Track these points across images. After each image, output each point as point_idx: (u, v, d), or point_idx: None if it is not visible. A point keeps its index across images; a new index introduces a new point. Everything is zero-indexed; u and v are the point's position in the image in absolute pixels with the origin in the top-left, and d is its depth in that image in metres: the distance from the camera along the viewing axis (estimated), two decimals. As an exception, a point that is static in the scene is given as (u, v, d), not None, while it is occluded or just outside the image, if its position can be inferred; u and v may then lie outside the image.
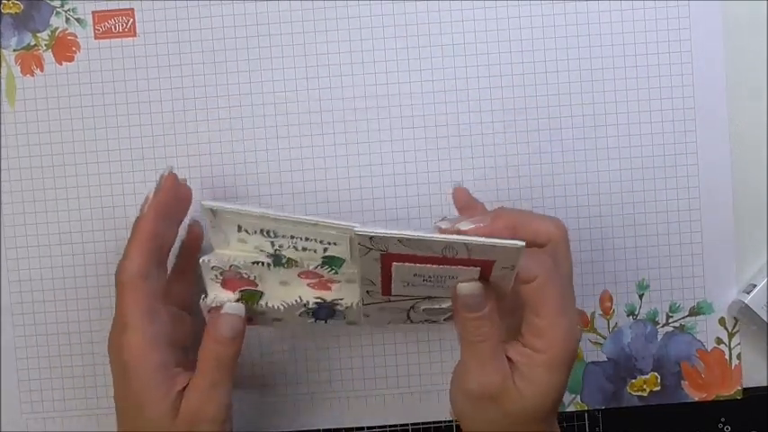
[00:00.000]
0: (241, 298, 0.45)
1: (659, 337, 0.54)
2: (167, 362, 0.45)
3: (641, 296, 0.54)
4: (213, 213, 0.44)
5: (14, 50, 0.53)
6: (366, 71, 0.53)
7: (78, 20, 0.53)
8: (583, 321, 0.54)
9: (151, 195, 0.46)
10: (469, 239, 0.38)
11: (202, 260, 0.44)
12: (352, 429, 0.55)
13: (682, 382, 0.54)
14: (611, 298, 0.54)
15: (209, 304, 0.45)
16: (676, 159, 0.53)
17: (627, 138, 0.53)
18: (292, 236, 0.43)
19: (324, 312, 0.46)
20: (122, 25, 0.53)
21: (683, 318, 0.54)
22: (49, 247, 0.54)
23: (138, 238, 0.45)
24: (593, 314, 0.54)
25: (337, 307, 0.45)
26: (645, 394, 0.54)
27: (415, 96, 0.53)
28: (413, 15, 0.53)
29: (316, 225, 0.42)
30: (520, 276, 0.42)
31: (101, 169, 0.53)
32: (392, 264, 0.40)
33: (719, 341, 0.54)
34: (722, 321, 0.54)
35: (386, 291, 0.43)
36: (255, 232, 0.44)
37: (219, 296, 0.45)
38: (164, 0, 0.53)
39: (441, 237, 0.38)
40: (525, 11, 0.53)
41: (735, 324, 0.54)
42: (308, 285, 0.45)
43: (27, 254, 0.54)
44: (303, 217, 0.42)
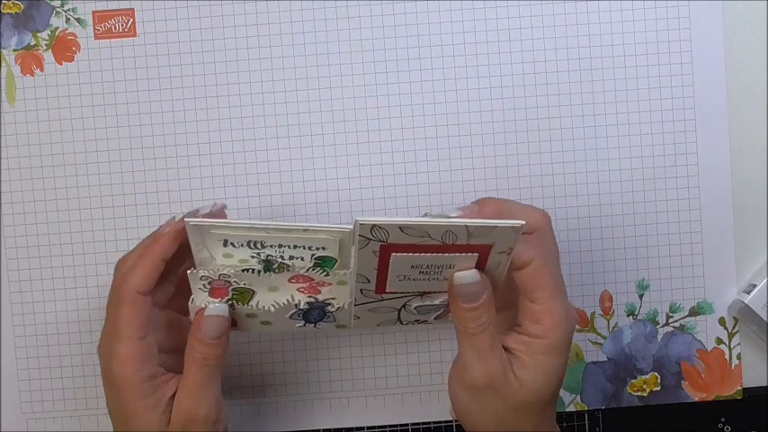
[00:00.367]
0: (232, 297, 0.44)
1: (659, 337, 0.54)
2: (157, 372, 0.45)
3: (641, 296, 0.54)
4: (198, 230, 0.43)
5: (14, 50, 0.53)
6: (366, 71, 0.53)
7: (78, 20, 0.53)
8: (583, 321, 0.54)
9: (178, 218, 0.44)
10: (470, 222, 0.39)
11: (190, 272, 0.43)
12: (351, 429, 0.55)
13: (682, 382, 0.54)
14: (611, 298, 0.54)
15: (197, 306, 0.45)
16: (676, 159, 0.53)
17: (627, 138, 0.53)
18: (280, 245, 0.43)
19: (314, 315, 0.46)
20: (122, 25, 0.53)
21: (683, 318, 0.54)
22: (49, 247, 0.54)
23: (150, 255, 0.44)
24: (593, 314, 0.54)
25: (328, 308, 0.45)
26: (645, 394, 0.54)
27: (415, 96, 0.53)
28: (413, 15, 0.53)
29: (305, 231, 0.42)
30: (515, 262, 0.42)
31: (101, 169, 0.53)
32: (391, 255, 0.40)
33: (719, 341, 0.54)
34: (722, 321, 0.54)
35: (380, 287, 0.43)
36: (242, 245, 0.43)
37: (209, 299, 0.45)
38: (164, 0, 0.53)
39: (442, 221, 0.39)
40: (525, 11, 0.53)
41: (735, 324, 0.54)
42: (299, 290, 0.45)
43: (27, 254, 0.54)
44: (292, 224, 0.42)
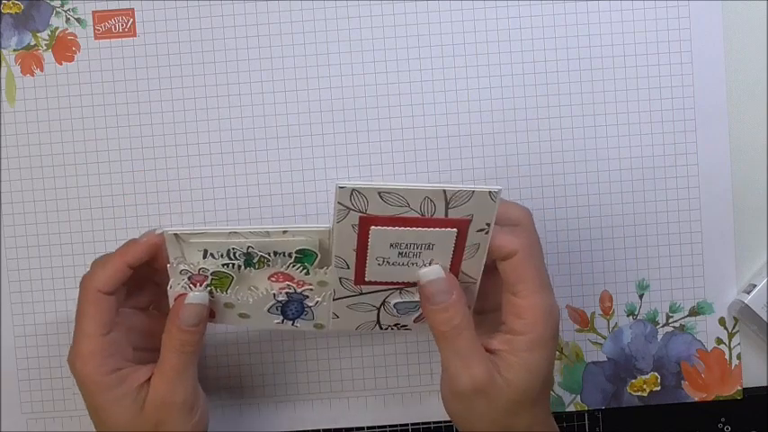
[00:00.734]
0: (211, 283, 0.44)
1: (659, 337, 0.54)
2: (123, 365, 0.45)
3: (641, 296, 0.54)
4: (177, 240, 0.43)
5: (14, 50, 0.53)
6: (366, 71, 0.53)
7: (78, 20, 0.53)
8: (583, 321, 0.54)
9: (158, 231, 0.45)
10: (448, 186, 0.40)
11: (170, 266, 0.44)
12: (351, 429, 0.55)
13: (682, 382, 0.54)
14: (611, 298, 0.54)
15: (176, 291, 0.44)
16: (676, 159, 0.53)
17: (627, 138, 0.53)
18: (260, 251, 0.43)
19: (292, 309, 0.46)
20: (122, 25, 0.53)
21: (683, 318, 0.54)
22: (49, 247, 0.54)
23: (117, 258, 0.45)
24: (593, 314, 0.54)
25: (307, 301, 0.45)
26: (645, 394, 0.54)
27: (415, 96, 0.53)
28: (413, 15, 0.53)
29: (285, 233, 0.43)
30: (500, 251, 0.42)
31: (101, 169, 0.53)
32: (370, 228, 0.41)
33: (719, 341, 0.54)
34: (722, 321, 0.54)
35: (359, 275, 0.43)
36: (222, 255, 0.43)
37: (188, 285, 0.45)
38: (164, 0, 0.53)
39: (421, 185, 0.40)
40: (525, 11, 0.53)
41: (735, 324, 0.54)
42: (280, 289, 0.45)
43: (27, 254, 0.54)
44: (272, 226, 0.43)
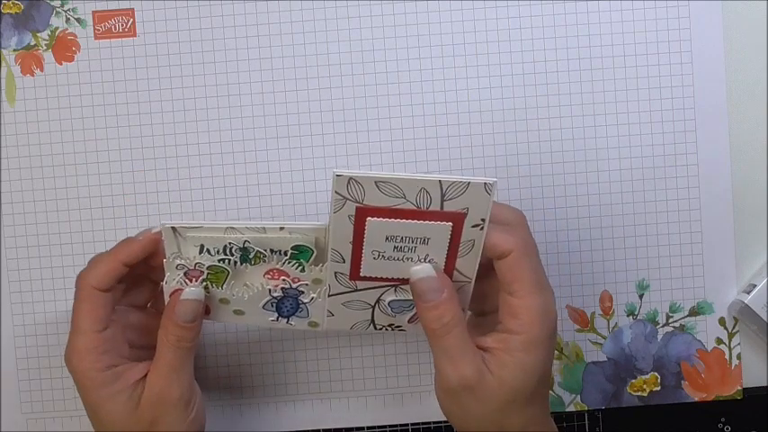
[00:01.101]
0: (207, 278, 0.44)
1: (659, 337, 0.54)
2: (119, 362, 0.45)
3: (641, 296, 0.54)
4: (174, 233, 0.43)
5: (14, 50, 0.53)
6: (366, 71, 0.53)
7: (78, 20, 0.53)
8: (583, 321, 0.54)
9: (155, 229, 0.45)
10: (444, 177, 0.40)
11: (166, 260, 0.44)
12: (352, 429, 0.55)
13: (682, 382, 0.54)
14: (611, 298, 0.54)
15: (171, 287, 0.45)
16: (676, 159, 0.53)
17: (627, 138, 0.53)
18: (256, 246, 0.43)
19: (287, 306, 0.46)
20: (122, 25, 0.53)
21: (683, 318, 0.54)
22: (49, 247, 0.54)
23: (113, 256, 0.45)
24: (593, 314, 0.54)
25: (302, 297, 0.45)
26: (645, 394, 0.54)
27: (415, 96, 0.53)
28: (413, 15, 0.53)
29: (281, 229, 0.43)
30: (495, 250, 0.42)
31: (101, 169, 0.53)
32: (366, 220, 0.41)
33: (719, 341, 0.54)
34: (722, 321, 0.54)
35: (355, 269, 0.43)
36: (218, 251, 0.43)
37: (183, 281, 0.45)
38: (164, 0, 0.53)
39: (417, 175, 0.40)
40: (525, 11, 0.53)
41: (735, 324, 0.54)
42: (275, 285, 0.45)
43: (27, 254, 0.54)
44: (268, 223, 0.43)
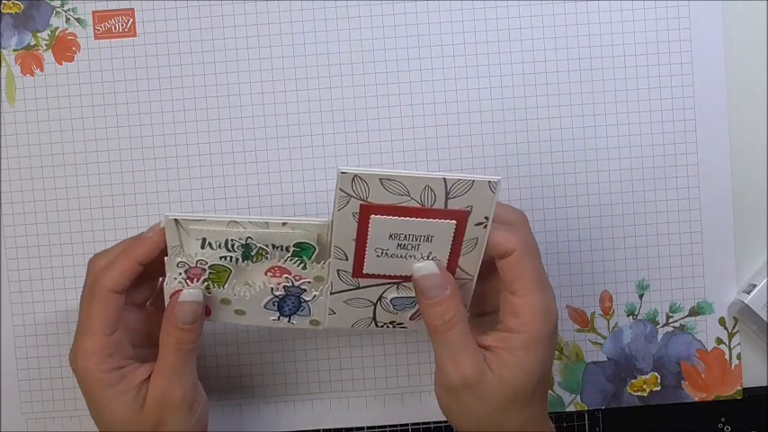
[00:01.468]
0: (208, 277, 0.44)
1: (659, 337, 0.54)
2: (124, 364, 0.45)
3: (641, 296, 0.54)
4: (177, 226, 0.43)
5: (14, 50, 0.53)
6: (366, 71, 0.53)
7: (78, 20, 0.53)
8: (583, 321, 0.54)
9: (161, 225, 0.44)
10: (449, 174, 0.40)
11: (167, 259, 0.44)
12: (352, 429, 0.55)
13: (682, 382, 0.54)
14: (611, 298, 0.54)
15: (172, 288, 0.44)
16: (676, 159, 0.53)
17: (627, 138, 0.53)
18: (258, 242, 0.43)
19: (289, 305, 0.46)
20: (122, 25, 0.53)
21: (683, 318, 0.54)
22: (49, 247, 0.54)
23: (127, 255, 0.44)
24: (593, 314, 0.54)
25: (304, 295, 0.45)
26: (645, 394, 0.54)
27: (415, 96, 0.53)
28: (413, 15, 0.53)
29: (284, 225, 0.43)
30: (498, 248, 0.42)
31: (101, 169, 0.53)
32: (370, 217, 0.41)
33: (719, 341, 0.54)
34: (722, 321, 0.54)
35: (358, 267, 0.43)
36: (220, 246, 0.43)
37: (184, 282, 0.44)
38: (164, 0, 0.53)
39: (422, 173, 0.40)
40: (525, 11, 0.53)
41: (735, 324, 0.54)
42: (277, 284, 0.45)
43: (27, 254, 0.54)
44: (271, 218, 0.43)
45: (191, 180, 0.53)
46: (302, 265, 0.44)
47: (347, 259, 0.43)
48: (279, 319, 0.47)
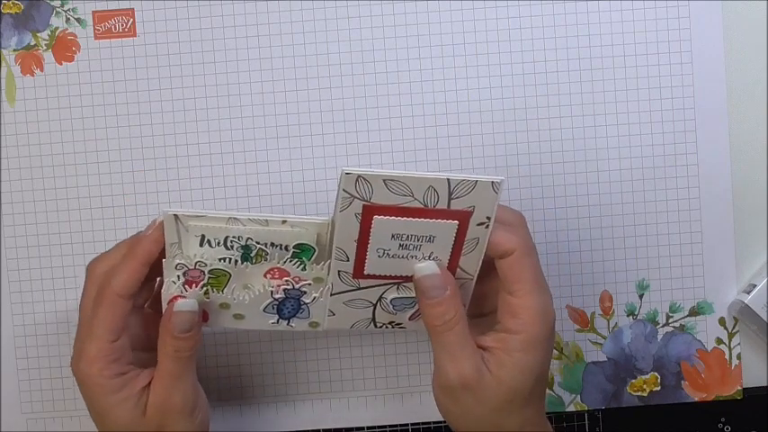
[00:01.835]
0: (208, 282, 0.44)
1: (659, 337, 0.54)
2: (126, 369, 0.45)
3: (641, 296, 0.54)
4: (176, 222, 0.43)
5: (14, 50, 0.53)
6: (366, 71, 0.53)
7: (78, 20, 0.53)
8: (583, 321, 0.54)
9: (159, 221, 0.44)
10: (452, 175, 0.40)
11: (165, 261, 0.43)
12: (352, 429, 0.55)
13: (682, 382, 0.54)
14: (611, 298, 0.54)
15: (171, 293, 0.44)
16: (676, 159, 0.53)
17: (627, 138, 0.53)
18: (258, 242, 0.43)
19: (288, 308, 0.46)
20: (122, 25, 0.53)
21: (683, 318, 0.54)
22: (49, 247, 0.54)
23: (134, 258, 0.44)
24: (593, 314, 0.54)
25: (304, 298, 0.45)
26: (645, 394, 0.54)
27: (415, 96, 0.53)
28: (413, 15, 0.53)
29: (284, 222, 0.43)
30: (499, 248, 0.43)
31: (101, 169, 0.53)
32: (373, 218, 0.41)
33: (719, 341, 0.54)
34: (722, 321, 0.54)
35: (359, 268, 0.43)
36: (219, 243, 0.43)
37: (182, 288, 0.44)
38: (164, 0, 0.53)
39: (425, 173, 0.40)
40: (525, 11, 0.53)
41: (735, 324, 0.54)
42: (278, 286, 0.45)
43: (27, 254, 0.54)
44: (271, 215, 0.43)
45: (191, 180, 0.53)
46: (302, 267, 0.44)
47: (348, 260, 0.43)
48: (278, 323, 0.46)
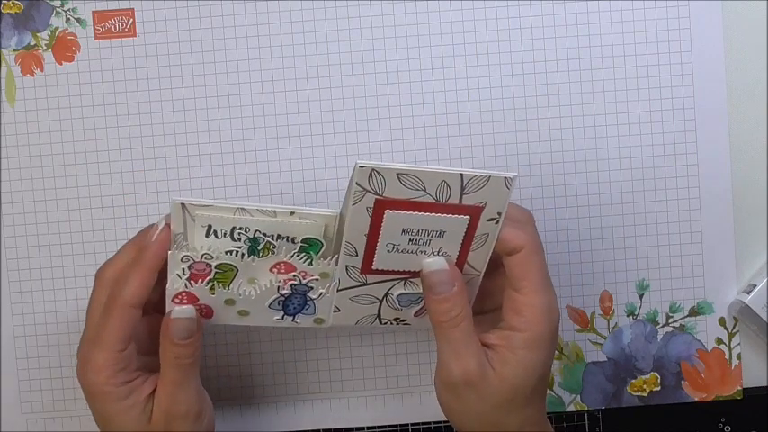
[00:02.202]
0: (214, 277, 0.44)
1: (659, 337, 0.54)
2: (132, 377, 0.44)
3: (641, 296, 0.54)
4: (183, 210, 0.42)
5: (14, 50, 0.53)
6: (366, 71, 0.53)
7: (78, 20, 0.53)
8: (583, 321, 0.54)
9: (161, 225, 0.43)
10: (466, 170, 0.40)
11: (171, 253, 0.42)
12: (352, 429, 0.55)
13: (682, 382, 0.54)
14: (611, 298, 0.54)
15: (176, 289, 0.44)
16: (676, 159, 0.53)
17: (627, 138, 0.53)
18: (266, 234, 0.43)
19: (294, 303, 0.45)
20: (122, 25, 0.53)
21: (683, 318, 0.54)
22: (49, 247, 0.54)
23: (143, 266, 0.43)
24: (593, 314, 0.54)
25: (310, 293, 0.45)
26: (645, 394, 0.54)
27: (415, 96, 0.53)
28: (413, 15, 0.53)
29: (292, 214, 0.42)
30: (507, 244, 0.43)
31: (101, 169, 0.53)
32: (384, 212, 0.41)
33: (719, 341, 0.54)
34: (722, 321, 0.54)
35: (367, 263, 0.43)
36: (226, 234, 0.43)
37: (186, 282, 0.44)
38: (164, 0, 0.53)
39: (439, 168, 0.40)
40: (525, 11, 0.53)
41: (735, 324, 0.54)
42: (285, 281, 0.44)
43: (27, 254, 0.54)
44: (279, 206, 0.42)
45: (191, 180, 0.53)
46: (308, 261, 0.43)
47: (357, 255, 0.43)
48: (283, 318, 0.46)
